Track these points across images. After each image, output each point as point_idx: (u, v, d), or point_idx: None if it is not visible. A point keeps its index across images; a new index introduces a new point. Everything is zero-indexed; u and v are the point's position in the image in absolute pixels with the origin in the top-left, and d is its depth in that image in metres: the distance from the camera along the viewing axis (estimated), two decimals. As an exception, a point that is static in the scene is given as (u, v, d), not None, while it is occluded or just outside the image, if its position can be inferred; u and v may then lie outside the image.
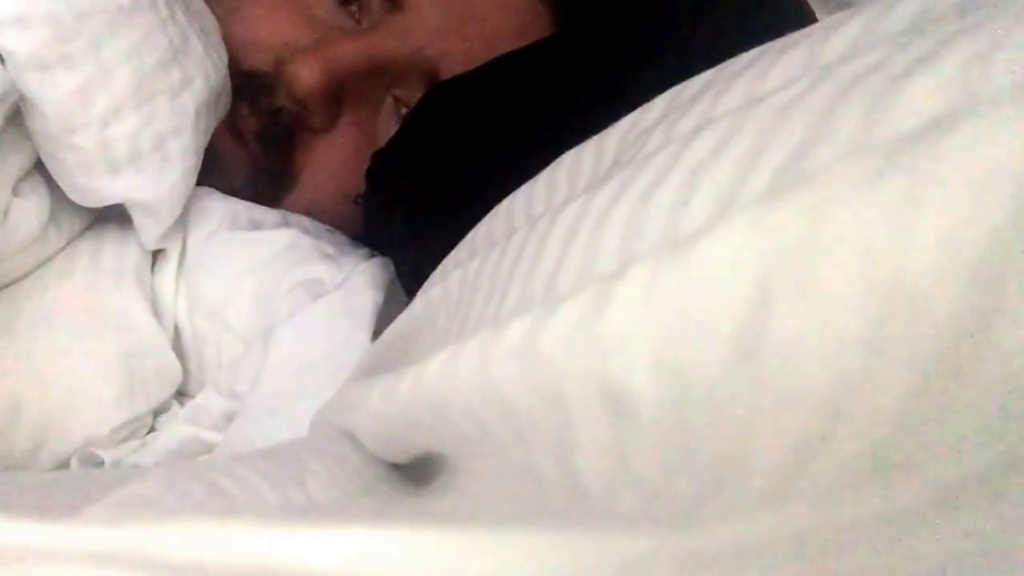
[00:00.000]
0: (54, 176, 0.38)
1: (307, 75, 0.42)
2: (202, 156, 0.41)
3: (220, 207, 0.43)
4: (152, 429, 0.39)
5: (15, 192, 0.37)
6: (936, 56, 0.15)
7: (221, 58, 0.42)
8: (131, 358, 0.38)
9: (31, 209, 0.37)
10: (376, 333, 0.38)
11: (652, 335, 0.15)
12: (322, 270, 0.41)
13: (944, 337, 0.13)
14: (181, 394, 0.41)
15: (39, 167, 0.38)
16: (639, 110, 0.24)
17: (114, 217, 0.42)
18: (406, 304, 0.29)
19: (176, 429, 0.38)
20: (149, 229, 0.40)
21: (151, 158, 0.38)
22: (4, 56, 0.33)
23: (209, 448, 0.37)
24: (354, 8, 0.45)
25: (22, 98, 0.34)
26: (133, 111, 0.36)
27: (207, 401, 0.38)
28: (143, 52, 0.36)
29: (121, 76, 0.36)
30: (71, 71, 0.34)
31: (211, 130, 0.41)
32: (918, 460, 0.14)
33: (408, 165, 0.40)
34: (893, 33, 0.17)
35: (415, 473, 0.24)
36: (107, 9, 0.35)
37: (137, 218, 0.40)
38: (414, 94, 0.44)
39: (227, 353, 0.40)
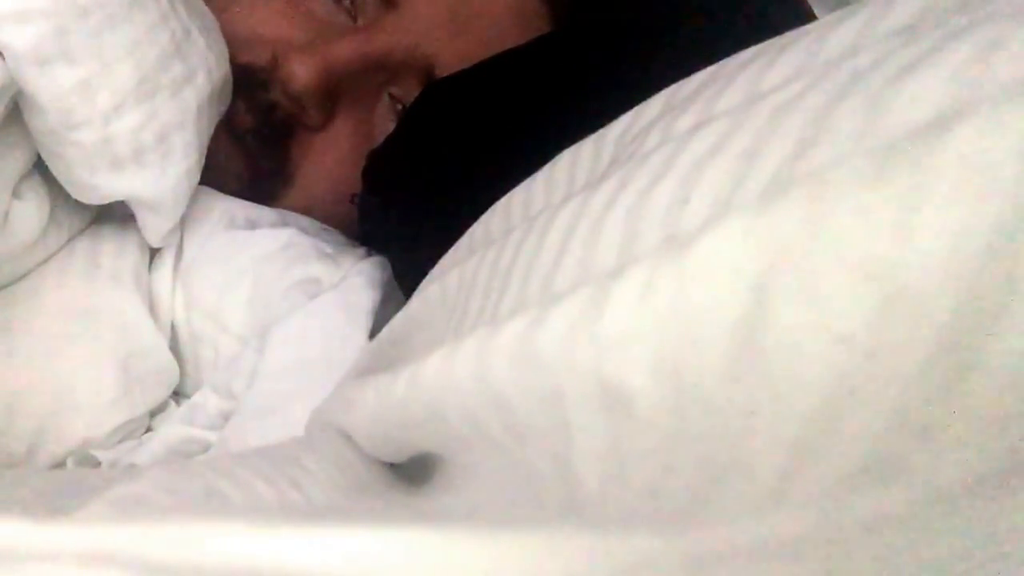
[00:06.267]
0: (55, 173, 0.37)
1: (302, 72, 0.42)
2: (205, 152, 0.40)
3: (217, 206, 0.43)
4: (148, 429, 0.39)
5: (15, 194, 0.36)
6: (936, 55, 0.14)
7: (223, 53, 0.41)
8: (128, 358, 0.38)
9: (32, 211, 0.37)
10: (373, 332, 0.38)
11: (650, 335, 0.15)
12: (319, 269, 0.41)
13: (944, 337, 0.13)
14: (177, 394, 0.41)
15: (37, 166, 0.38)
16: (637, 108, 0.23)
17: (112, 216, 0.42)
18: (403, 303, 0.29)
19: (173, 429, 0.38)
20: (154, 226, 0.40)
21: (154, 154, 0.37)
22: (3, 51, 0.33)
23: (205, 448, 0.37)
24: (350, 6, 0.45)
25: (21, 94, 0.34)
26: (135, 106, 0.36)
27: (204, 401, 0.38)
28: (145, 46, 0.36)
29: (123, 71, 0.35)
30: (72, 66, 0.34)
31: (213, 126, 0.41)
32: (918, 461, 0.14)
33: (404, 164, 0.40)
34: (892, 32, 0.17)
35: (412, 472, 0.24)
36: (108, 3, 0.34)
37: (141, 215, 0.39)
38: (410, 92, 0.44)
39: (224, 353, 0.40)
